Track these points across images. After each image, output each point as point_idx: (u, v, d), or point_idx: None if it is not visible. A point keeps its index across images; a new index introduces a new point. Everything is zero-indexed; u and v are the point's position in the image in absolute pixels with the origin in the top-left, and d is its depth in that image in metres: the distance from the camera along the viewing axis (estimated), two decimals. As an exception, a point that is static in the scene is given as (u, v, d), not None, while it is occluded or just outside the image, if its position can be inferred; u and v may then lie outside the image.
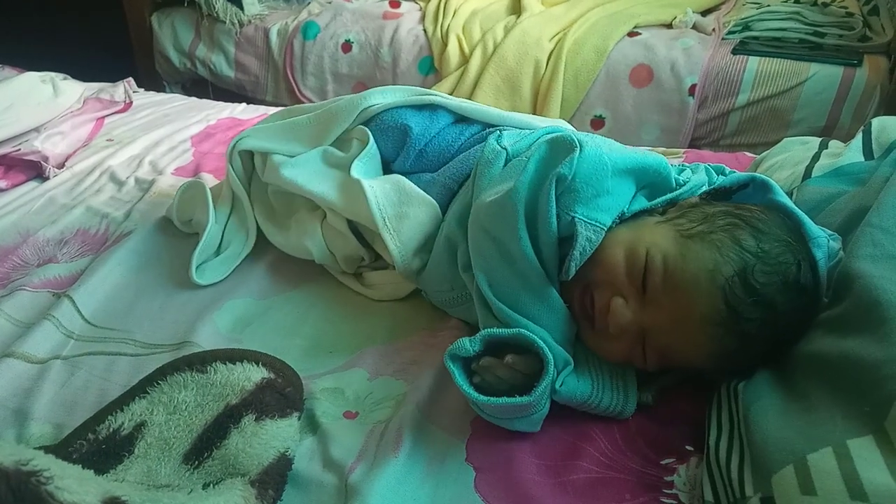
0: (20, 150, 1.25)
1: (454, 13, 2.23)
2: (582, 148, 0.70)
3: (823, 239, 0.73)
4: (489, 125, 0.97)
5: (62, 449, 0.65)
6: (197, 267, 0.96)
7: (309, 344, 0.86)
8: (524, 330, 0.69)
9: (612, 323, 0.69)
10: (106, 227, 1.10)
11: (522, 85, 2.07)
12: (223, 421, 0.67)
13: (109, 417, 0.68)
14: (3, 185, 1.22)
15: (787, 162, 1.05)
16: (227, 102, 1.64)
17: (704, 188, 0.80)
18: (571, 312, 0.73)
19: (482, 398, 0.67)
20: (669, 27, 2.16)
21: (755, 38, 2.03)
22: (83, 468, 0.58)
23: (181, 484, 0.63)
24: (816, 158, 1.00)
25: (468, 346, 0.69)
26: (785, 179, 0.99)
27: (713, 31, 2.09)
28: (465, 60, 2.15)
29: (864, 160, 0.96)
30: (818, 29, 2.00)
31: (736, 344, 0.66)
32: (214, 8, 2.35)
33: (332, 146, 1.00)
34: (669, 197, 0.76)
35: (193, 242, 0.99)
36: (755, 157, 1.18)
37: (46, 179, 1.25)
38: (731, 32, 2.05)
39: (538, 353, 0.68)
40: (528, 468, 0.67)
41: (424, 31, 2.24)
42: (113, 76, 1.65)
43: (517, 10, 2.25)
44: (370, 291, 0.94)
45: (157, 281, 0.97)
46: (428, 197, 0.90)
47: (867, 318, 0.61)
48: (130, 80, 1.62)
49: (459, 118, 0.99)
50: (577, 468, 0.67)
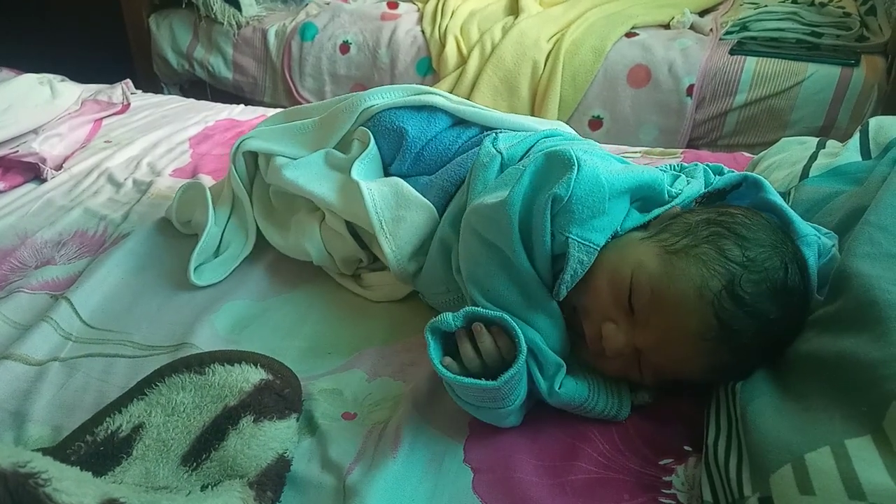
0: (18, 151, 1.25)
1: (452, 14, 2.23)
2: (580, 168, 0.69)
3: (813, 237, 0.73)
4: (487, 128, 0.97)
5: (60, 451, 0.65)
6: (195, 268, 0.96)
7: (307, 345, 0.86)
8: (507, 315, 0.68)
9: (606, 347, 0.69)
10: (104, 228, 1.10)
11: (520, 86, 2.07)
12: (221, 422, 0.67)
13: (107, 419, 0.68)
14: (1, 186, 1.22)
15: (784, 162, 1.05)
16: (225, 104, 1.64)
17: (699, 194, 0.78)
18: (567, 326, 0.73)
19: (448, 374, 0.67)
20: (667, 28, 2.16)
21: (753, 38, 2.03)
22: (81, 470, 0.58)
23: (179, 486, 0.63)
24: (814, 158, 1.00)
25: (450, 320, 0.69)
26: (782, 179, 0.99)
27: (711, 31, 2.09)
28: (463, 61, 2.15)
29: (861, 160, 0.96)
30: (815, 29, 2.01)
31: (730, 356, 0.66)
32: (212, 9, 2.35)
33: (334, 148, 1.00)
34: (660, 211, 0.75)
35: (192, 244, 0.99)
36: (753, 157, 1.18)
37: (44, 181, 1.25)
38: (728, 33, 2.05)
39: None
40: (526, 469, 0.67)
41: (422, 31, 2.24)
42: (111, 78, 1.65)
43: (515, 10, 2.25)
44: (368, 293, 0.94)
45: (155, 282, 0.97)
46: (425, 201, 0.90)
47: (864, 317, 0.61)
48: (128, 81, 1.62)
49: (458, 121, 0.98)
50: (575, 469, 0.67)
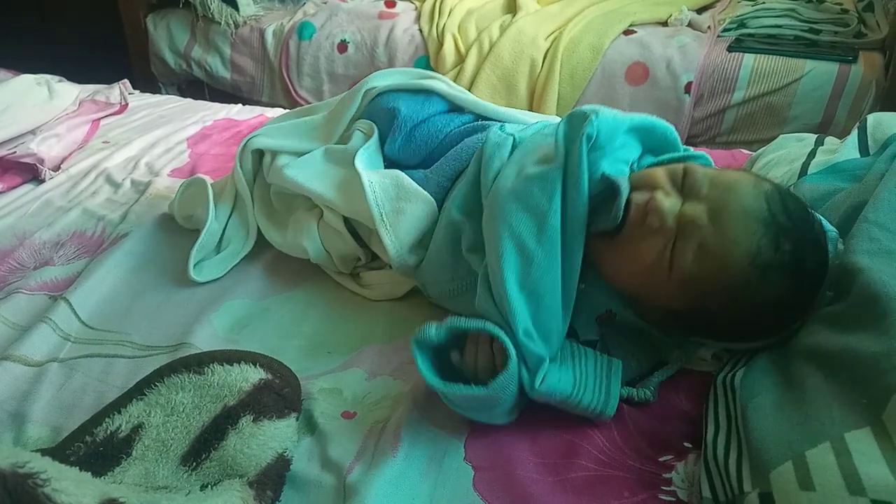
0: (16, 152, 1.24)
1: (450, 12, 2.23)
2: (597, 113, 0.73)
3: (833, 234, 0.75)
4: (480, 117, 0.99)
5: (60, 451, 0.65)
6: (195, 265, 0.97)
7: (307, 344, 0.86)
8: (489, 324, 0.68)
9: (652, 211, 0.69)
10: (102, 229, 1.10)
11: (519, 84, 2.07)
12: (221, 422, 0.67)
13: (107, 420, 0.68)
14: (-1, 187, 1.21)
15: (783, 159, 1.05)
16: (222, 104, 1.64)
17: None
18: (589, 246, 0.72)
19: (440, 385, 0.67)
20: (665, 25, 2.16)
21: (751, 35, 2.03)
22: (81, 470, 0.58)
23: (179, 485, 0.63)
24: (812, 155, 1.00)
25: (433, 332, 0.69)
26: (781, 177, 0.99)
27: (708, 28, 2.09)
28: (461, 60, 2.15)
29: (859, 156, 0.96)
30: (813, 26, 2.01)
31: (770, 253, 0.66)
32: (209, 9, 2.35)
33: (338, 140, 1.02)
34: (679, 154, 0.79)
35: (190, 244, 0.99)
36: (751, 154, 1.18)
37: (42, 182, 1.25)
38: (726, 30, 2.05)
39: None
40: (526, 466, 0.67)
41: (420, 30, 2.24)
42: (108, 78, 1.65)
43: (512, 8, 2.25)
44: (367, 291, 0.94)
45: (153, 283, 0.97)
46: (425, 193, 0.90)
47: (865, 312, 0.61)
48: (126, 81, 1.62)
49: (452, 108, 1.00)
50: (575, 466, 0.67)
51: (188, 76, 2.49)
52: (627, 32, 2.08)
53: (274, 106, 1.92)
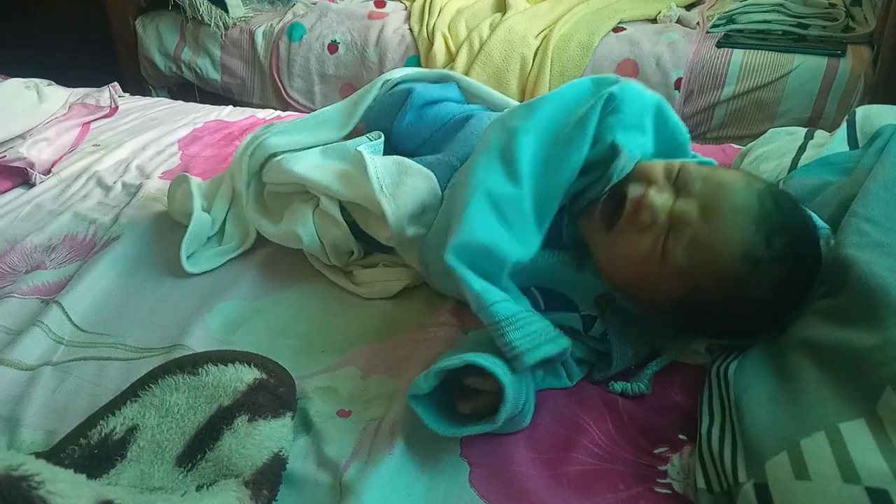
0: (5, 156, 1.24)
1: (440, 12, 2.23)
2: (625, 83, 0.75)
3: (825, 230, 0.75)
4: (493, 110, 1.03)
5: (54, 455, 0.65)
6: (189, 257, 0.97)
7: (301, 344, 0.86)
8: (473, 358, 0.65)
9: (644, 207, 0.70)
10: (94, 232, 1.09)
11: (509, 82, 2.07)
12: (216, 422, 0.66)
13: (101, 422, 0.67)
14: (-11, 192, 1.21)
15: (772, 153, 1.05)
16: (213, 105, 1.63)
17: None
18: (584, 229, 0.76)
19: (451, 430, 0.66)
20: (654, 22, 2.17)
21: (739, 30, 2.04)
22: (75, 473, 0.58)
23: (175, 486, 0.63)
24: (802, 149, 1.01)
25: (423, 384, 0.66)
26: (771, 171, 0.99)
27: (697, 24, 2.10)
28: (451, 59, 2.15)
29: (848, 149, 0.97)
30: (802, 20, 2.02)
31: (761, 248, 0.66)
32: (199, 11, 2.34)
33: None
34: (689, 159, 0.79)
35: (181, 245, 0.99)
36: (741, 148, 1.18)
37: (33, 186, 1.24)
38: (715, 26, 2.06)
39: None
40: (522, 462, 0.67)
41: (410, 30, 2.24)
42: (98, 81, 1.64)
43: (502, 7, 2.25)
44: (361, 290, 0.94)
45: (146, 285, 0.96)
46: (427, 171, 0.91)
47: (857, 305, 0.62)
48: (116, 84, 1.62)
49: (468, 101, 1.06)
50: (571, 460, 0.67)
51: (178, 78, 2.49)
52: (617, 29, 2.09)
53: (265, 107, 1.92)
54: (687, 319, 0.74)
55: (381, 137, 0.99)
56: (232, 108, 1.61)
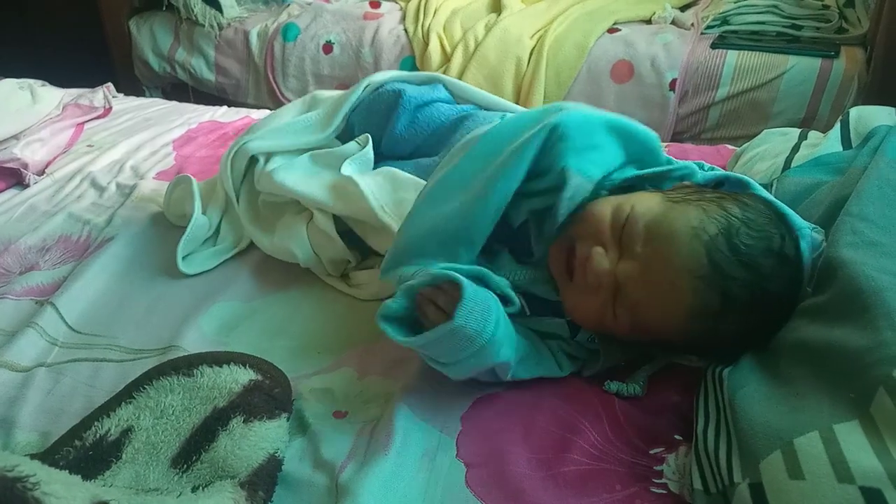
0: (-1, 157, 1.24)
1: (434, 12, 2.23)
2: (565, 108, 0.73)
3: (807, 230, 0.73)
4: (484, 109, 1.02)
5: (49, 456, 0.64)
6: (184, 258, 0.97)
7: (296, 345, 0.85)
8: (433, 268, 0.69)
9: (588, 271, 0.69)
10: (88, 233, 1.09)
11: (504, 83, 2.08)
12: (211, 424, 0.66)
13: (96, 423, 0.67)
14: (-18, 193, 1.21)
15: (766, 153, 1.05)
16: (208, 106, 1.63)
17: (696, 176, 0.80)
18: (552, 268, 0.74)
19: (411, 338, 0.67)
20: (649, 23, 2.18)
21: (734, 32, 2.04)
22: (70, 474, 0.58)
23: (170, 488, 0.62)
24: (796, 150, 1.01)
25: (392, 305, 0.70)
26: (765, 171, 1.00)
27: (692, 25, 2.10)
28: (446, 59, 2.15)
29: (842, 149, 0.97)
30: (795, 22, 2.03)
31: (718, 303, 0.65)
32: (193, 11, 2.34)
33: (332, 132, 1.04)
34: (662, 169, 0.77)
35: (177, 246, 0.98)
36: (736, 149, 1.19)
37: (27, 187, 1.24)
38: (709, 27, 2.07)
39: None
40: (519, 462, 0.67)
41: (405, 30, 2.24)
42: (92, 82, 1.64)
43: (497, 8, 2.26)
44: (356, 291, 0.94)
45: (140, 286, 0.96)
46: (420, 181, 0.91)
47: (850, 306, 0.62)
48: (110, 85, 1.61)
49: (456, 100, 1.04)
50: (567, 461, 0.67)
51: (172, 79, 2.48)
52: (612, 30, 2.09)
53: (259, 108, 1.91)
54: (664, 352, 0.76)
55: (369, 142, 0.98)
56: (226, 108, 1.60)
